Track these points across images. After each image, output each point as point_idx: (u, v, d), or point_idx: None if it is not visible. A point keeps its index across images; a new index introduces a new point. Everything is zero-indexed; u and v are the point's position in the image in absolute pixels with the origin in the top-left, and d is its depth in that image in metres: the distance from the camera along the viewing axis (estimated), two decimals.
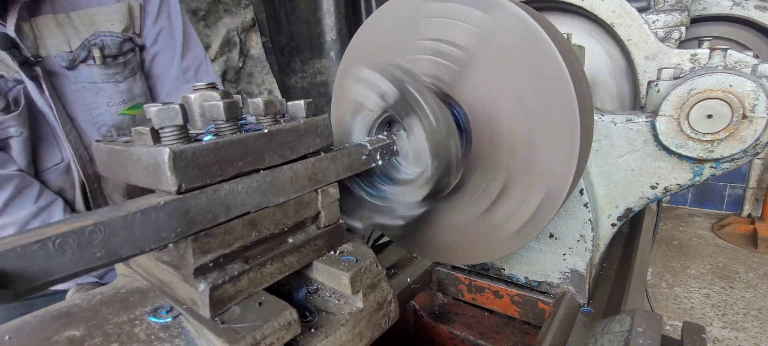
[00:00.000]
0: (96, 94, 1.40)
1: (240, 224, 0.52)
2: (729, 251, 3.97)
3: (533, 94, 0.75)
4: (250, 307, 0.51)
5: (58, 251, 0.37)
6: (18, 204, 1.24)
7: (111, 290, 0.60)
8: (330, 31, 3.09)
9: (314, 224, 0.63)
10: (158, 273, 0.57)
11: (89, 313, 0.54)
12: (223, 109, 0.49)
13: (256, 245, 0.55)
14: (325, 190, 0.62)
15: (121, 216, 0.41)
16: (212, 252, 0.49)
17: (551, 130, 0.75)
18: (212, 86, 0.58)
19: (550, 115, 0.75)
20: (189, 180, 0.45)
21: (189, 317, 0.51)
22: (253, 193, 0.52)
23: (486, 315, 1.40)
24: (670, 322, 3.06)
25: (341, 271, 0.59)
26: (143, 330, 0.50)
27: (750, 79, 0.88)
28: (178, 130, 0.46)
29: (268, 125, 0.55)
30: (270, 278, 0.56)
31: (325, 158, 0.61)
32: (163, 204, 0.43)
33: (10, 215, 1.24)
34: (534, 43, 0.72)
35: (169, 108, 0.45)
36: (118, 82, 1.43)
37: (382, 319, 0.64)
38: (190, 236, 0.47)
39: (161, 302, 0.55)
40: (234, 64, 3.79)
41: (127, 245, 0.42)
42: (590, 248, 1.13)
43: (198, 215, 0.47)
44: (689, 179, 1.03)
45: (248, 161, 0.51)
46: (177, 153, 0.44)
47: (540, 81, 0.74)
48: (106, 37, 1.37)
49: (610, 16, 1.66)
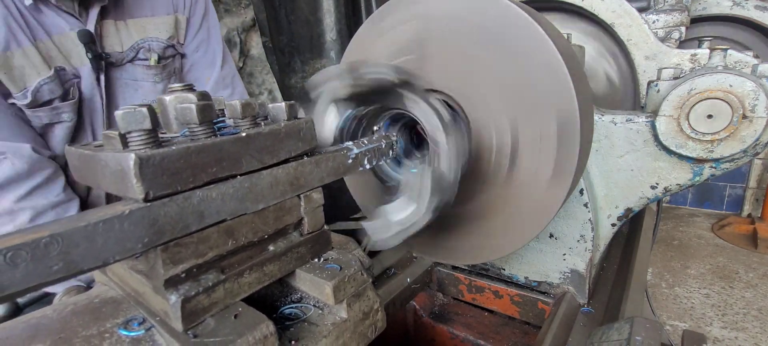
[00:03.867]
0: (135, 91, 1.56)
1: (215, 233, 0.49)
2: (729, 251, 3.95)
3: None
4: (225, 319, 0.48)
5: (10, 264, 0.35)
6: (42, 193, 1.32)
7: (85, 299, 0.58)
8: (330, 31, 3.07)
9: (297, 230, 0.60)
10: (132, 283, 0.54)
11: (59, 325, 0.52)
12: (195, 111, 0.47)
13: (233, 254, 0.52)
14: (308, 195, 0.59)
15: (81, 226, 0.38)
16: (184, 262, 0.47)
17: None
18: (189, 88, 0.55)
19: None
20: (157, 187, 0.43)
21: (161, 329, 0.49)
22: (229, 200, 0.49)
23: (486, 315, 1.40)
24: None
25: (324, 280, 0.57)
26: (112, 344, 0.48)
27: (750, 79, 0.86)
28: (146, 134, 0.43)
29: (245, 129, 0.52)
30: (248, 288, 0.53)
31: (308, 162, 0.59)
32: (128, 213, 0.41)
33: (31, 200, 1.31)
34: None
35: (137, 111, 0.43)
36: (156, 83, 1.60)
37: (368, 329, 0.62)
38: (160, 245, 0.44)
39: (134, 314, 0.53)
40: (234, 64, 3.77)
41: (89, 256, 0.39)
42: (590, 248, 1.12)
43: (168, 224, 0.44)
44: (689, 178, 1.02)
45: (223, 167, 0.49)
46: (143, 159, 0.41)
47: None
48: (153, 42, 1.55)
49: (610, 16, 1.64)
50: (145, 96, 1.59)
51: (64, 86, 1.35)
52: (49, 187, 1.34)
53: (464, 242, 0.95)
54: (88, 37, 1.36)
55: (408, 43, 0.88)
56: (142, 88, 1.57)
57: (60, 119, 1.38)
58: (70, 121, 1.40)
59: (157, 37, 1.56)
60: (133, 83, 1.56)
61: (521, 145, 0.80)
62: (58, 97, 1.34)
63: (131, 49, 1.50)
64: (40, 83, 1.29)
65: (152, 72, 1.58)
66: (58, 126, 1.40)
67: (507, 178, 0.83)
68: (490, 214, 0.88)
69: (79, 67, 1.39)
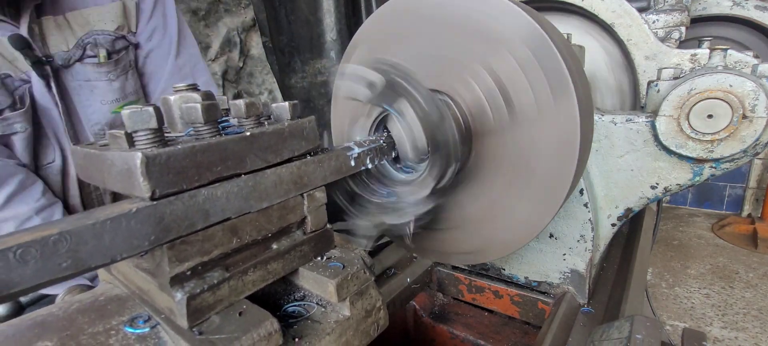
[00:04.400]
0: (90, 92, 1.42)
1: (220, 231, 0.50)
2: (729, 251, 3.95)
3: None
4: (230, 317, 0.49)
5: (20, 261, 0.35)
6: (21, 200, 1.25)
7: (90, 297, 0.58)
8: (330, 31, 3.07)
9: (300, 229, 0.61)
10: (137, 281, 0.55)
11: (65, 322, 0.52)
12: (201, 111, 0.47)
13: (238, 252, 0.53)
14: (311, 194, 0.60)
15: (89, 224, 0.39)
16: (190, 260, 0.47)
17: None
18: (193, 87, 0.55)
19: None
20: (163, 186, 0.43)
21: (167, 327, 0.49)
22: (234, 198, 0.50)
23: (486, 315, 1.40)
24: (670, 322, 3.04)
25: (327, 278, 0.57)
26: (118, 341, 0.48)
27: (750, 79, 0.87)
28: (152, 133, 0.44)
29: (250, 128, 0.53)
30: (252, 286, 0.54)
31: (311, 162, 0.59)
32: (135, 211, 0.41)
33: (11, 209, 1.24)
34: (567, 143, 0.74)
35: (143, 110, 0.43)
36: (111, 80, 1.45)
37: (370, 327, 0.62)
38: (166, 243, 0.45)
39: (139, 312, 0.53)
40: (234, 64, 3.77)
41: (97, 254, 0.40)
42: (590, 248, 1.12)
43: (173, 222, 0.44)
44: (689, 178, 1.02)
45: (228, 165, 0.49)
46: (150, 158, 0.42)
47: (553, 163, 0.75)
48: (99, 36, 1.38)
49: (610, 16, 1.64)
50: (104, 96, 1.45)
51: (13, 95, 1.25)
52: (28, 192, 1.27)
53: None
54: (23, 43, 1.22)
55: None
56: (96, 88, 1.43)
57: (13, 130, 1.27)
58: (23, 131, 1.28)
59: (102, 29, 1.39)
60: (87, 84, 1.41)
61: (506, 82, 0.79)
62: (8, 107, 1.23)
63: (77, 46, 1.35)
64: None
65: (104, 69, 1.42)
66: (15, 137, 1.29)
67: (511, 121, 0.81)
68: (511, 159, 0.85)
69: (28, 71, 1.28)
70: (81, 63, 1.38)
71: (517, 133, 0.80)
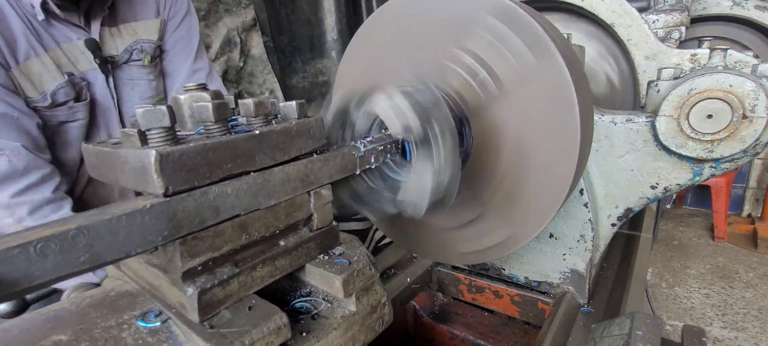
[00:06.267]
0: (132, 90, 1.73)
1: (229, 227, 0.51)
2: (729, 251, 3.96)
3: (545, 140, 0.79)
4: (240, 311, 0.50)
5: (40, 255, 0.36)
6: (36, 190, 1.42)
7: (100, 293, 0.60)
8: (331, 31, 3.08)
9: (306, 226, 0.62)
10: (148, 276, 0.56)
11: (77, 317, 0.53)
12: (211, 110, 0.48)
13: (247, 248, 0.54)
14: (317, 192, 0.61)
15: (105, 220, 0.40)
16: (201, 256, 0.48)
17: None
18: (202, 87, 0.57)
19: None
20: (176, 182, 0.44)
21: (178, 321, 0.50)
22: (243, 195, 0.51)
23: (486, 315, 1.41)
24: (670, 322, 3.05)
25: (333, 274, 0.58)
26: (131, 335, 0.49)
27: (750, 79, 0.87)
28: (165, 131, 0.45)
29: (258, 127, 0.54)
30: (261, 281, 0.55)
31: (318, 160, 0.60)
32: (149, 207, 0.42)
33: (27, 195, 1.40)
34: (563, 102, 0.75)
35: (156, 109, 0.44)
36: (151, 81, 1.78)
37: (375, 322, 0.63)
38: (178, 239, 0.46)
39: (150, 306, 0.54)
40: (235, 63, 3.78)
41: (112, 249, 0.41)
42: (590, 248, 1.13)
43: (186, 218, 0.46)
44: (689, 178, 1.03)
45: (238, 163, 0.50)
46: (164, 155, 0.43)
47: (555, 131, 0.77)
48: (145, 44, 1.72)
49: (610, 16, 1.65)
50: (142, 93, 1.77)
51: (76, 89, 1.52)
52: (44, 185, 1.44)
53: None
54: (95, 45, 1.54)
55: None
56: (137, 86, 1.74)
57: (75, 118, 1.55)
58: (83, 119, 1.57)
59: (148, 39, 1.73)
60: (131, 82, 1.72)
61: (485, 57, 0.81)
62: (73, 99, 1.51)
63: (125, 51, 1.67)
64: (57, 87, 1.46)
65: (146, 71, 1.75)
66: (73, 124, 1.56)
67: (500, 92, 0.82)
68: (512, 128, 0.85)
69: (85, 71, 1.56)
70: (127, 64, 1.68)
71: (511, 101, 0.81)
